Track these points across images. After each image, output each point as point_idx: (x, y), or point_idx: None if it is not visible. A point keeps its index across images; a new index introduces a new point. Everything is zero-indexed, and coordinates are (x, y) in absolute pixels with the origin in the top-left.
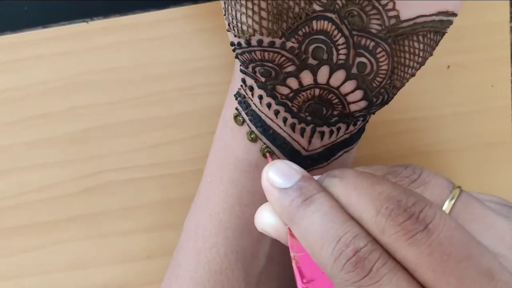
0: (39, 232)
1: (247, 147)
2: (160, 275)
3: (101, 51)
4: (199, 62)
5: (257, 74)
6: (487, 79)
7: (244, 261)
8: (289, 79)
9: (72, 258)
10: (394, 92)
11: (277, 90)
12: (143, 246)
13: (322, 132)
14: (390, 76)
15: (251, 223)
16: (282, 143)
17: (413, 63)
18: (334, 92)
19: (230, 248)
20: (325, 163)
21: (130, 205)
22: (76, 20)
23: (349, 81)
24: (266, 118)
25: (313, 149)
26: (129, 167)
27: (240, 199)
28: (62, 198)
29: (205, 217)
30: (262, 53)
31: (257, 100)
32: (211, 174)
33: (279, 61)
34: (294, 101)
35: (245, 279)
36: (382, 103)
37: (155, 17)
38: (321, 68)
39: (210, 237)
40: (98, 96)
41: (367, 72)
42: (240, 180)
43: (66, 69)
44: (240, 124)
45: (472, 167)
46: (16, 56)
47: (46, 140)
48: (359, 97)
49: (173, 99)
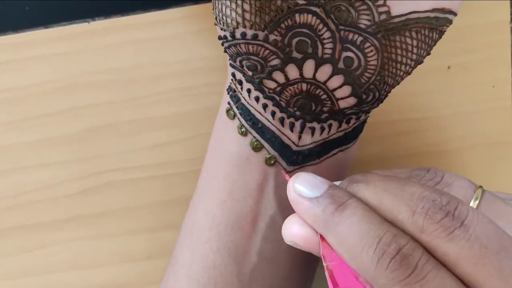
0: (40, 232)
1: (238, 141)
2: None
3: (102, 51)
4: (200, 62)
5: (244, 68)
6: (487, 79)
7: (236, 257)
8: (275, 73)
9: (73, 258)
10: (386, 90)
11: (264, 84)
12: (144, 246)
13: (312, 128)
14: (379, 72)
15: (242, 218)
16: (271, 137)
17: (405, 59)
18: (321, 87)
19: (223, 244)
20: (318, 160)
21: (131, 205)
22: (77, 20)
23: (335, 76)
24: (255, 112)
25: (303, 145)
26: (130, 167)
27: (232, 194)
28: (62, 198)
29: (200, 212)
30: (247, 45)
31: (246, 94)
32: (207, 169)
33: (263, 54)
34: (281, 95)
35: (237, 275)
36: (373, 101)
37: (156, 17)
38: (306, 62)
39: (204, 233)
40: (99, 96)
41: (355, 67)
42: (232, 174)
43: (67, 69)
44: (232, 118)
45: (473, 167)
46: (17, 56)
47: (47, 140)
48: (347, 93)
49: (174, 99)
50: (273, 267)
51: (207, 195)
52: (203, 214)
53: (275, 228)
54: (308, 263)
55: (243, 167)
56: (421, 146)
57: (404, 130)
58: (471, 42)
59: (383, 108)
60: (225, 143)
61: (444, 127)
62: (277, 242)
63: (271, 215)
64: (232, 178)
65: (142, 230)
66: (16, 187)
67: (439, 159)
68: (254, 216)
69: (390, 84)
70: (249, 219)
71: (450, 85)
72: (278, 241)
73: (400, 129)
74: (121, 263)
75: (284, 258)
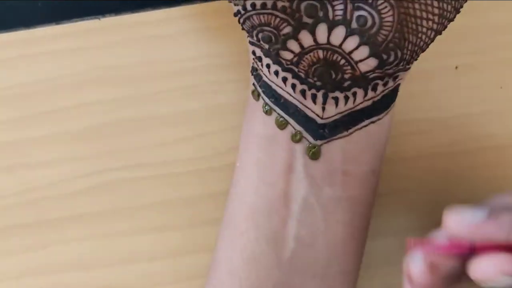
0: (43, 231)
1: (264, 121)
2: (164, 276)
3: (112, 48)
4: (208, 59)
5: (260, 42)
6: (495, 80)
7: (275, 246)
8: (289, 42)
9: (76, 258)
10: (409, 48)
11: (281, 55)
12: (148, 247)
13: (336, 98)
14: (398, 29)
15: (276, 202)
16: (295, 111)
17: (427, 14)
18: (338, 51)
19: (260, 232)
20: (346, 133)
21: (136, 204)
22: (88, 17)
23: (350, 37)
24: (277, 88)
25: (328, 117)
26: (135, 165)
27: (263, 178)
28: (67, 196)
29: (236, 203)
30: (258, 16)
31: (266, 70)
32: (240, 159)
33: (274, 23)
34: (299, 65)
35: (278, 264)
36: (396, 62)
37: (165, 14)
38: (318, 26)
39: (241, 223)
40: (108, 93)
41: (369, 25)
42: (261, 158)
43: (77, 65)
44: (257, 98)
45: (482, 170)
46: (29, 51)
47: (52, 136)
48: (365, 54)
49: (181, 97)
50: (312, 253)
51: (240, 184)
52: (238, 204)
53: (309, 210)
54: (351, 249)
55: (271, 148)
56: (429, 148)
57: (411, 130)
58: (479, 42)
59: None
60: (254, 126)
61: (452, 128)
62: (313, 226)
63: (304, 196)
64: (262, 162)
65: (147, 229)
66: (20, 184)
67: (447, 161)
68: (287, 199)
69: (413, 42)
70: (282, 203)
71: (458, 86)
72: (314, 225)
73: (407, 130)
74: (125, 263)
75: (322, 242)
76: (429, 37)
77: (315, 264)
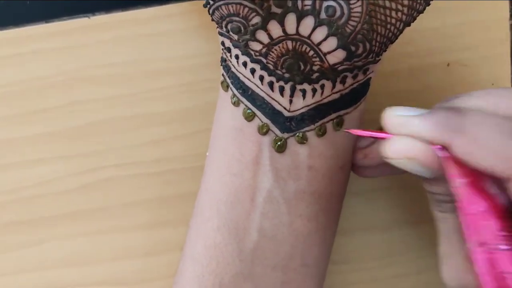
0: (38, 228)
1: (232, 112)
2: (159, 271)
3: (103, 46)
4: (200, 58)
5: (230, 32)
6: (487, 77)
7: (236, 235)
8: (258, 32)
9: (71, 255)
10: (378, 40)
11: (250, 46)
12: (142, 243)
13: (303, 90)
14: (366, 20)
15: (240, 193)
16: (262, 104)
17: (396, 5)
18: (307, 42)
19: (222, 221)
20: (313, 126)
21: (130, 201)
22: (78, 15)
23: (319, 28)
24: (244, 79)
25: (295, 109)
26: (129, 163)
27: (229, 168)
28: (61, 194)
29: (203, 191)
30: (227, 6)
31: (235, 61)
32: (210, 147)
33: (243, 13)
34: (268, 57)
35: (238, 255)
36: (365, 54)
37: (156, 12)
38: (287, 16)
39: (205, 211)
40: (98, 91)
41: (337, 16)
42: (229, 148)
43: (68, 64)
44: (226, 89)
45: None
46: (18, 50)
47: (45, 135)
48: (333, 45)
49: (173, 94)
50: (274, 245)
51: (208, 173)
52: (205, 192)
53: (273, 202)
54: (314, 242)
55: (239, 139)
56: None
57: None
58: (470, 39)
59: (379, 105)
60: (222, 117)
61: None
62: (276, 219)
63: (268, 189)
64: (229, 152)
65: (141, 226)
66: (14, 182)
67: None
68: (251, 191)
69: (381, 34)
70: (246, 194)
71: (450, 82)
72: (277, 217)
73: None
74: (119, 259)
75: (285, 235)
76: (398, 28)
77: (276, 256)
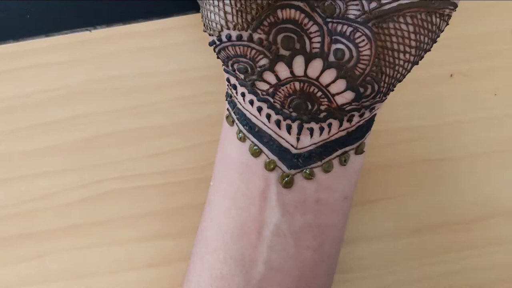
0: (40, 241)
1: (238, 147)
2: (161, 283)
3: (104, 60)
4: (201, 71)
5: (236, 71)
6: (490, 87)
7: (243, 267)
8: (266, 73)
9: (72, 267)
10: (386, 81)
11: (257, 86)
12: (143, 255)
13: (311, 128)
14: (375, 62)
15: (247, 227)
16: (269, 141)
17: (403, 47)
18: (315, 84)
19: (229, 253)
20: (320, 163)
21: (131, 214)
22: (78, 29)
23: (327, 71)
24: (251, 116)
25: (303, 147)
26: (130, 176)
27: (235, 201)
28: (62, 207)
29: (208, 221)
30: (234, 48)
31: (241, 98)
32: (214, 177)
33: (250, 54)
34: (275, 96)
35: (245, 286)
36: (373, 95)
37: (157, 26)
38: (295, 58)
39: (212, 242)
40: (99, 105)
41: (346, 59)
42: (234, 181)
43: (68, 77)
44: (231, 124)
45: (476, 176)
46: (18, 64)
47: (47, 149)
48: (342, 87)
49: (174, 108)
50: (281, 277)
51: (213, 203)
52: (210, 222)
53: (280, 236)
54: (320, 272)
55: (245, 174)
56: (423, 154)
57: (405, 138)
58: (473, 50)
59: (384, 116)
60: (228, 150)
61: (446, 135)
62: (283, 251)
63: (276, 223)
64: (235, 185)
65: (142, 239)
66: (16, 196)
67: (441, 168)
68: (258, 225)
69: (390, 75)
70: (253, 227)
71: (453, 93)
72: (284, 250)
73: (402, 137)
74: (121, 272)
75: (291, 266)
76: (406, 69)
77: (283, 287)
